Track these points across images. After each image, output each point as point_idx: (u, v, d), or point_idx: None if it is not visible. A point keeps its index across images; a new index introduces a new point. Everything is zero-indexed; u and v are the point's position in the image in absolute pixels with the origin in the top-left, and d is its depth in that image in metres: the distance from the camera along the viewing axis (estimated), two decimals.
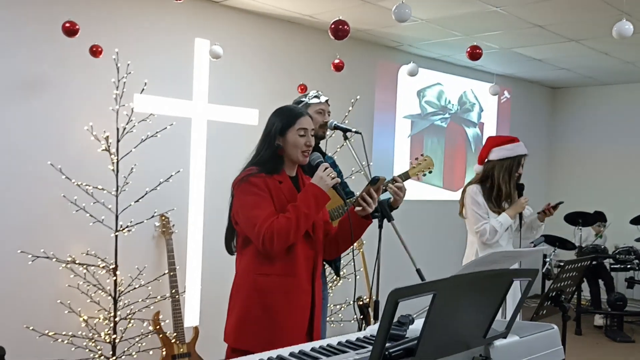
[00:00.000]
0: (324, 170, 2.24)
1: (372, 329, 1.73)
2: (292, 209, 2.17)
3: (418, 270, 2.52)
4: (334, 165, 3.07)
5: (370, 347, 1.49)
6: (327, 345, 1.60)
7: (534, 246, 2.96)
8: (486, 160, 3.46)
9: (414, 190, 6.48)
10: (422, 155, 3.08)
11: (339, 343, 1.63)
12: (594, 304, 6.61)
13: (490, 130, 7.34)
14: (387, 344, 1.38)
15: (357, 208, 2.31)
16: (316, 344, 1.65)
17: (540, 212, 3.46)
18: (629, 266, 6.44)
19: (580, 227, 6.70)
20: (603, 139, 7.90)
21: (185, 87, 4.48)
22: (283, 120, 2.29)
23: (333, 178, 2.23)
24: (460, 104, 6.97)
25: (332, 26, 3.02)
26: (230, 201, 2.30)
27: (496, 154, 3.43)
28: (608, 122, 7.88)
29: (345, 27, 2.97)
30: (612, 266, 6.54)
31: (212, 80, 4.61)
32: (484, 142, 3.65)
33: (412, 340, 1.31)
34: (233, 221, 2.30)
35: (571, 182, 8.15)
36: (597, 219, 6.78)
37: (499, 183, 3.39)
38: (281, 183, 2.26)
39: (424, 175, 3.06)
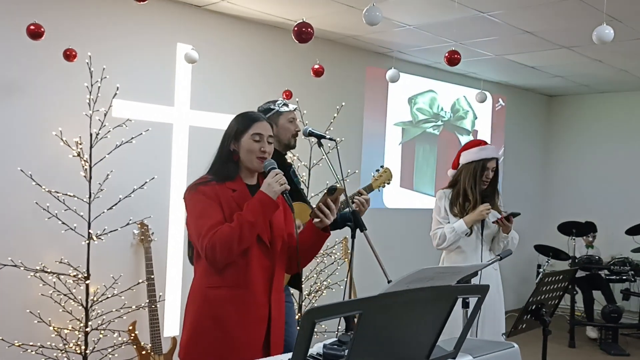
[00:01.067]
0: (274, 176, 2.14)
1: (318, 346, 1.63)
2: (236, 217, 2.07)
3: (390, 282, 2.44)
4: (293, 174, 2.99)
5: None
6: None
7: (500, 258, 2.84)
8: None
9: (406, 198, 6.39)
10: (382, 167, 3.07)
11: None
12: (588, 314, 6.48)
13: (484, 138, 7.22)
14: None
15: (315, 220, 2.21)
16: None
17: (495, 222, 3.33)
18: (624, 277, 6.32)
19: (573, 238, 6.58)
20: (599, 148, 7.78)
21: (167, 93, 4.42)
22: (238, 124, 2.21)
23: (282, 184, 2.12)
24: (454, 111, 6.87)
25: (295, 29, 2.94)
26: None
27: (464, 158, 3.40)
28: (604, 131, 7.77)
29: (309, 29, 2.89)
30: (607, 277, 6.41)
31: (194, 85, 4.55)
32: None
33: None
34: (188, 230, 2.22)
35: (566, 192, 8.03)
36: (588, 230, 6.66)
37: (464, 187, 3.34)
38: (235, 191, 2.15)
39: (384, 186, 3.03)
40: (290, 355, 1.52)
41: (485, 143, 3.41)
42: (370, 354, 1.19)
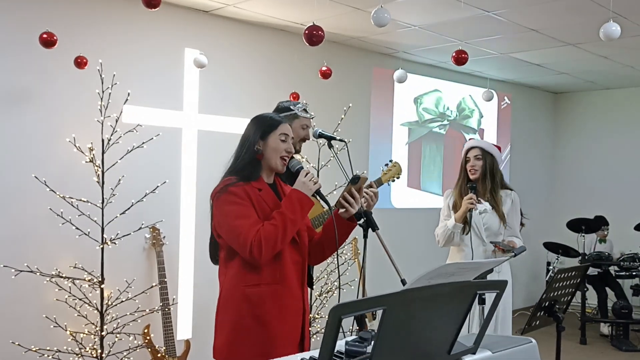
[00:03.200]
0: (306, 175, 2.21)
1: (339, 344, 1.65)
2: (277, 215, 2.13)
3: (403, 281, 2.45)
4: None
5: None
6: None
7: (515, 255, 2.85)
8: None
9: (414, 198, 6.40)
10: (391, 161, 3.06)
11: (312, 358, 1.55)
12: (601, 312, 6.46)
13: (490, 137, 7.25)
14: None
15: (340, 210, 2.26)
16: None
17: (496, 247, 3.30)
18: (634, 273, 6.30)
19: (583, 234, 6.57)
20: (606, 144, 7.78)
21: (176, 97, 4.46)
22: (265, 124, 2.26)
23: (315, 183, 2.20)
24: (459, 110, 6.89)
25: (306, 32, 2.96)
26: (210, 213, 2.25)
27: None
28: (611, 127, 7.76)
29: (320, 32, 2.92)
30: (617, 273, 6.39)
31: (202, 90, 4.59)
32: None
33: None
34: (215, 234, 2.24)
35: (574, 188, 8.02)
36: (600, 224, 6.64)
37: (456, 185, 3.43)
38: (261, 191, 2.21)
39: (393, 181, 3.02)
40: (314, 352, 1.55)
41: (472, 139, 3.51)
42: (394, 349, 1.21)
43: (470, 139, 3.56)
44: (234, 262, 2.19)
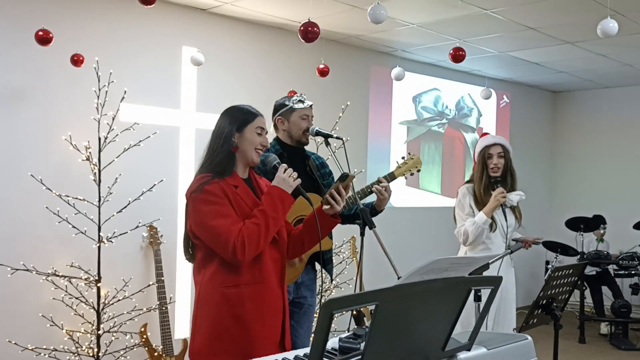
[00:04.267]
0: (285, 171, 2.17)
1: (333, 341, 1.64)
2: (259, 214, 2.09)
3: (400, 279, 2.44)
4: (321, 165, 3.00)
5: None
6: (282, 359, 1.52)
7: (511, 252, 2.85)
8: None
9: (412, 197, 6.39)
10: (409, 154, 3.00)
11: (296, 357, 1.55)
12: (598, 312, 6.45)
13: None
14: (336, 358, 1.30)
15: (325, 206, 2.23)
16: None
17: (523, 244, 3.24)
18: (632, 272, 6.29)
19: (582, 233, 6.56)
20: (605, 143, 7.77)
21: (173, 96, 4.45)
22: (240, 117, 2.20)
23: (295, 179, 2.17)
24: (458, 109, 6.88)
25: (302, 28, 2.95)
26: (185, 214, 2.18)
27: (475, 153, 3.42)
28: (610, 125, 7.75)
29: (315, 29, 2.90)
30: (615, 272, 6.39)
31: (200, 88, 4.58)
32: None
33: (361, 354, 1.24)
34: (191, 235, 2.17)
35: (573, 187, 8.01)
36: (598, 223, 6.63)
37: (475, 182, 3.32)
38: (237, 187, 2.15)
39: (411, 174, 2.97)
40: (306, 350, 1.54)
41: (485, 134, 3.43)
42: (387, 345, 1.20)
43: (484, 134, 3.48)
44: (212, 264, 2.12)
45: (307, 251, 2.39)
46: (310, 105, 2.99)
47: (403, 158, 3.00)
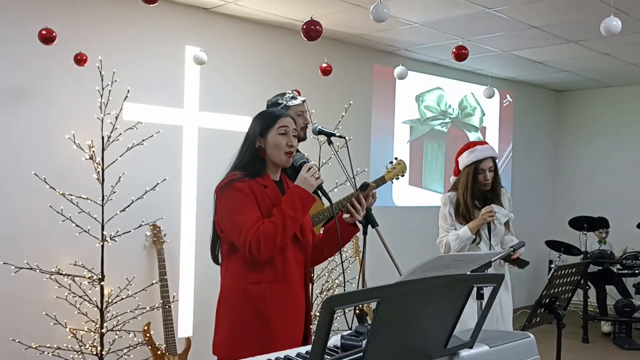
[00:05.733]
0: (308, 170, 2.17)
1: (335, 339, 1.64)
2: (277, 212, 2.10)
3: (402, 276, 2.44)
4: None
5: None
6: (285, 356, 1.52)
7: (514, 250, 2.84)
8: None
9: (415, 196, 6.39)
10: (396, 159, 3.03)
11: (298, 354, 1.55)
12: (601, 311, 6.44)
13: (492, 135, 7.23)
14: (338, 355, 1.30)
15: (345, 215, 2.25)
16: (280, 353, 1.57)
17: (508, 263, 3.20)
18: (636, 271, 6.28)
19: (585, 232, 6.55)
20: (608, 142, 7.75)
21: (176, 95, 4.46)
22: (263, 121, 2.23)
23: (317, 178, 2.16)
24: (461, 108, 6.87)
25: (304, 27, 2.95)
26: (214, 208, 2.22)
27: (460, 163, 3.28)
28: (614, 125, 7.73)
29: (318, 27, 2.90)
30: (619, 272, 6.37)
31: (203, 87, 4.58)
32: None
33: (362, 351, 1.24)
34: (218, 229, 2.21)
35: (576, 186, 8.00)
36: (600, 224, 6.62)
37: (459, 194, 3.22)
38: (266, 187, 2.18)
39: (397, 179, 3.00)
40: (309, 347, 1.54)
41: (478, 144, 3.25)
42: (389, 342, 1.20)
43: (474, 143, 3.32)
44: (236, 258, 2.15)
45: (327, 259, 2.40)
46: (304, 101, 2.99)
47: (391, 163, 3.02)
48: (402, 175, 3.01)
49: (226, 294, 2.19)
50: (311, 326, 2.34)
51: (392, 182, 3.04)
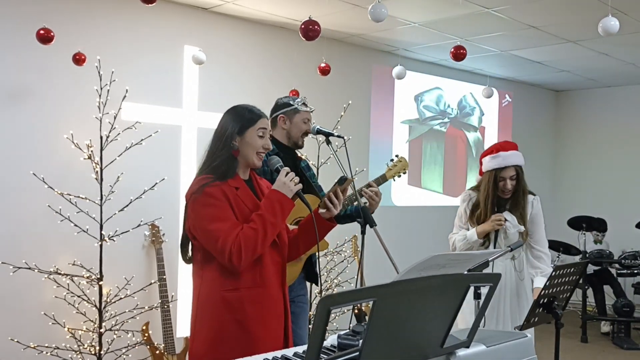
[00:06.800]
0: (286, 175, 2.11)
1: (332, 339, 1.65)
2: (257, 218, 2.03)
3: (398, 275, 2.44)
4: (307, 168, 2.99)
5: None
6: (282, 356, 1.52)
7: (511, 250, 2.84)
8: None
9: (414, 196, 6.39)
10: (396, 156, 2.99)
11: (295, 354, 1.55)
12: (600, 311, 6.44)
13: (491, 134, 7.23)
14: (334, 355, 1.30)
15: (321, 210, 2.19)
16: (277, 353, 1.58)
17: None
18: (635, 271, 6.28)
19: (584, 232, 6.55)
20: (607, 142, 7.75)
21: (175, 95, 4.46)
22: (242, 119, 2.13)
23: (296, 183, 2.11)
24: (460, 108, 6.87)
25: (302, 26, 2.95)
26: (184, 214, 2.13)
27: (483, 165, 3.21)
28: (612, 124, 7.74)
29: (316, 27, 2.90)
30: (618, 272, 6.37)
31: (202, 87, 4.58)
32: (485, 147, 3.45)
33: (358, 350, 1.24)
34: (190, 236, 2.12)
35: (575, 186, 8.00)
36: (598, 226, 6.62)
37: (480, 196, 3.17)
38: (238, 189, 2.10)
39: (399, 176, 2.97)
40: (305, 347, 1.54)
41: (502, 149, 3.11)
42: (385, 341, 1.20)
43: (498, 147, 3.14)
44: (211, 266, 2.07)
45: (303, 254, 2.35)
46: (313, 110, 2.99)
47: (392, 160, 3.00)
48: (404, 173, 2.96)
49: (202, 302, 2.10)
50: (310, 325, 2.32)
51: (394, 180, 3.01)
